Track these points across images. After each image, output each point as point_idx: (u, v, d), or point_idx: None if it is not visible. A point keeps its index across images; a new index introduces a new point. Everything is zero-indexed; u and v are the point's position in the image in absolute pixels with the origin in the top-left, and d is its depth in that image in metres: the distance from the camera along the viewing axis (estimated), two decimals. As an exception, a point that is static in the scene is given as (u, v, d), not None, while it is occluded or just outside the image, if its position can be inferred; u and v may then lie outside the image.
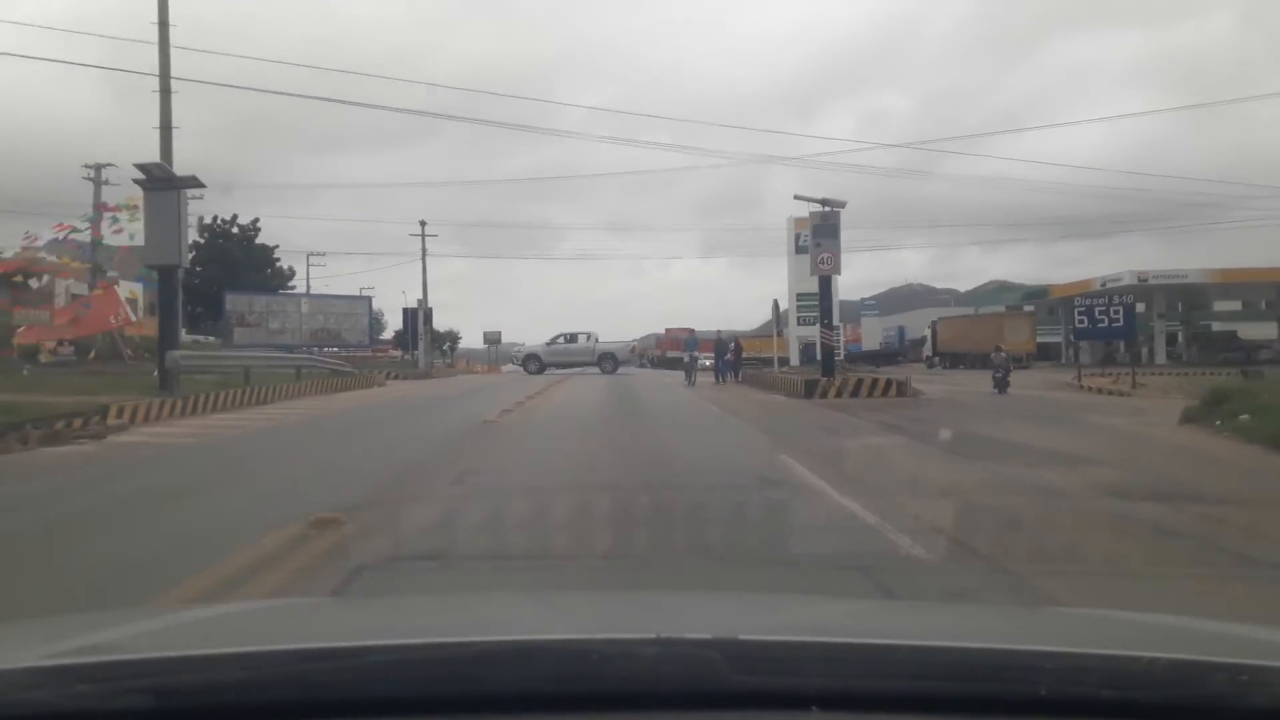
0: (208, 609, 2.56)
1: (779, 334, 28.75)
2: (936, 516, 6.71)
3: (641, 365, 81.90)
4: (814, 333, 54.91)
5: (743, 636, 1.51)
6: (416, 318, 49.56)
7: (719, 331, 33.28)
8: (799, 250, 63.72)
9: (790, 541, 6.52)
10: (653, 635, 1.43)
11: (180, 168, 20.73)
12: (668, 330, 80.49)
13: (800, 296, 61.59)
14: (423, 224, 54.60)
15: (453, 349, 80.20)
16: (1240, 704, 1.30)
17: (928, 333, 56.12)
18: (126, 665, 1.41)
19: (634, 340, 44.03)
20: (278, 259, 59.46)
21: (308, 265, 62.97)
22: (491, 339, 63.76)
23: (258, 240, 57.46)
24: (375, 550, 5.87)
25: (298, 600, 3.86)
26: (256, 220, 57.46)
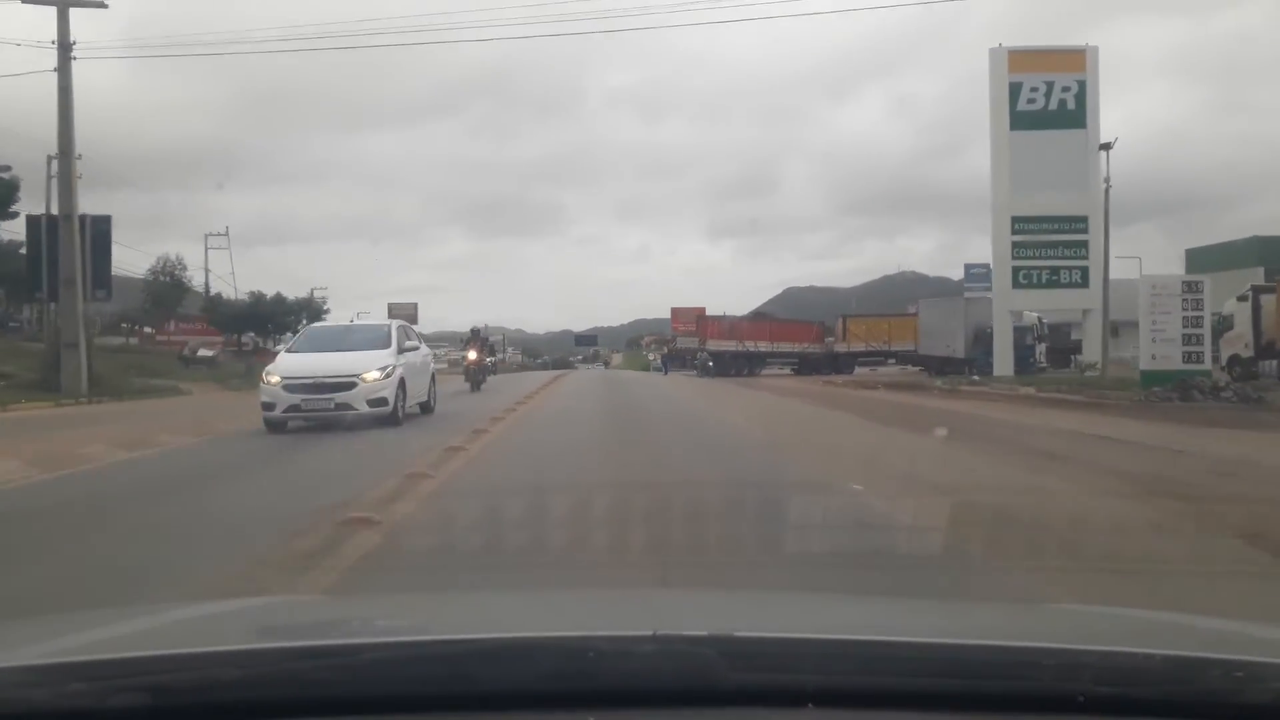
0: (203, 607, 2.38)
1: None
2: None
3: (635, 364, 57.05)
4: (1056, 301, 29.97)
5: (739, 633, 1.53)
6: (52, 237, 22.67)
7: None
8: (1018, 122, 33.41)
9: None
10: (649, 632, 1.42)
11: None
12: (675, 312, 56.96)
13: (1020, 222, 31.91)
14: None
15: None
16: (1236, 700, 1.30)
17: (1231, 311, 29.17)
18: (122, 664, 1.41)
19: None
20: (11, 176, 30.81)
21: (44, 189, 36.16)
22: (402, 312, 39.70)
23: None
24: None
25: (293, 598, 3.81)
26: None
